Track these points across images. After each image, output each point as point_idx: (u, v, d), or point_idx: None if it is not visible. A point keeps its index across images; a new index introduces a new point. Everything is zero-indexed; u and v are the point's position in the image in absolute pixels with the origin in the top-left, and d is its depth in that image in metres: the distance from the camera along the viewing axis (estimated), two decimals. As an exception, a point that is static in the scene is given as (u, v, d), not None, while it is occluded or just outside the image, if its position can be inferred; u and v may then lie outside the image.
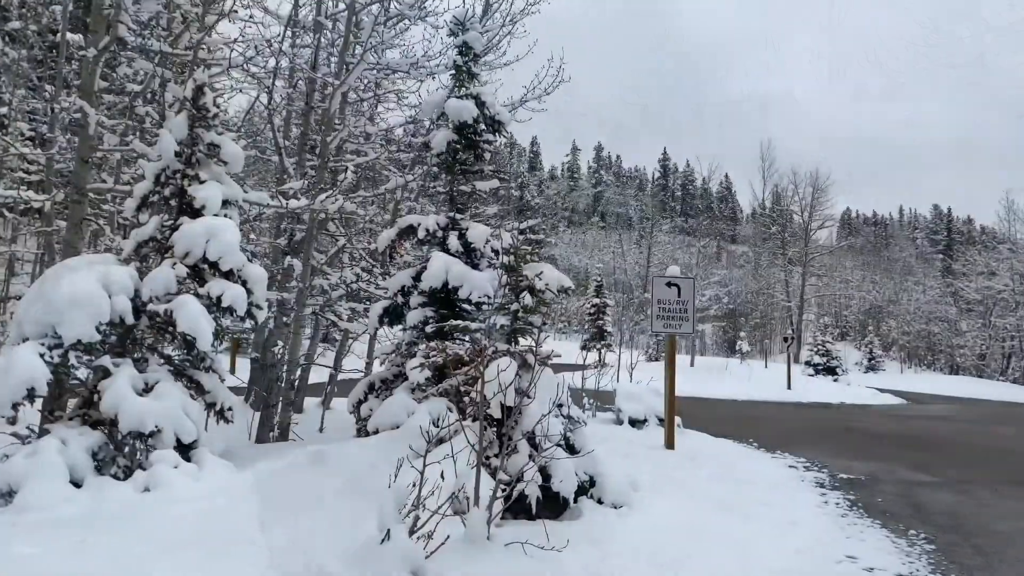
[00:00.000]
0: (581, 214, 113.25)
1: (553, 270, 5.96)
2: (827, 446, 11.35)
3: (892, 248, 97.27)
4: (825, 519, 6.40)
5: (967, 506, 7.23)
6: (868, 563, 5.15)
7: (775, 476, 8.34)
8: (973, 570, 5.12)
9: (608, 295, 33.52)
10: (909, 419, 18.06)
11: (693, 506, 6.31)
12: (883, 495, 7.65)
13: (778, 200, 67.29)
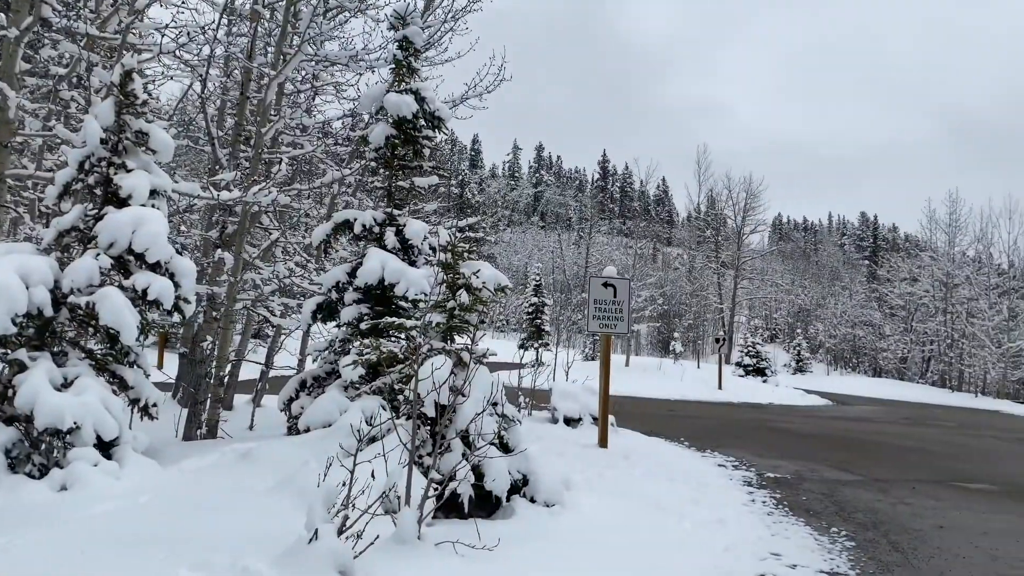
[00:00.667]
0: (521, 213, 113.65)
1: (491, 268, 5.94)
2: (755, 445, 11.62)
3: (821, 253, 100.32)
4: (752, 517, 6.54)
5: (886, 504, 7.49)
6: (792, 560, 5.28)
7: (705, 475, 8.49)
8: (891, 566, 5.29)
9: (546, 295, 33.68)
10: (834, 420, 18.65)
11: (625, 504, 6.38)
12: (807, 494, 7.87)
13: (713, 204, 68.67)
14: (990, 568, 5.34)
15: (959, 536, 6.25)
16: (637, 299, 37.17)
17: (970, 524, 6.75)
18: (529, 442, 6.10)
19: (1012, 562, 5.53)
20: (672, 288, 64.15)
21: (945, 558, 5.54)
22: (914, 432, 15.99)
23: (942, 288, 48.03)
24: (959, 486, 8.90)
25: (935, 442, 14.00)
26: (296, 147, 12.00)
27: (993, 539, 6.21)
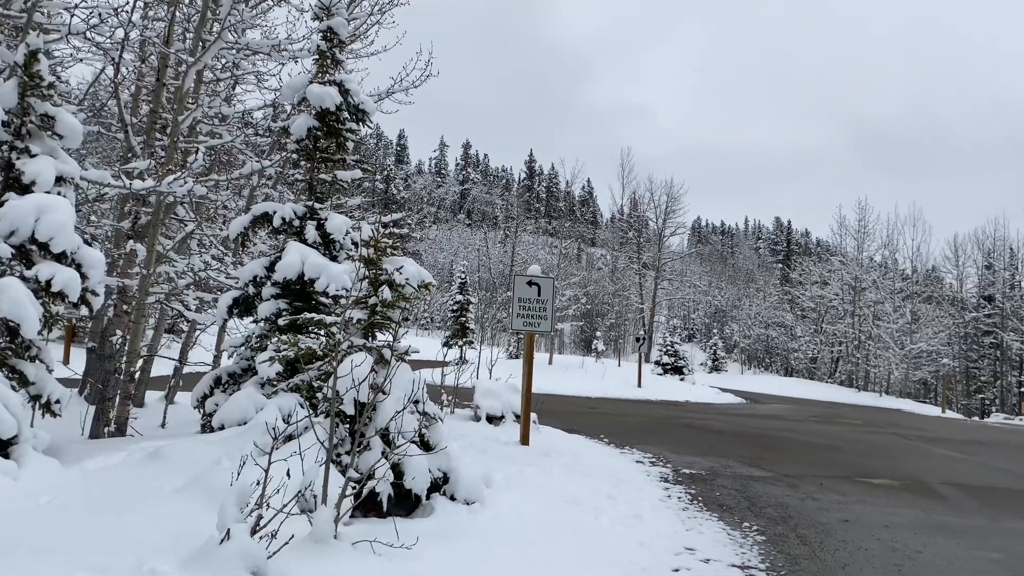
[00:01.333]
0: (448, 210, 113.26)
1: (414, 265, 5.89)
2: (673, 442, 11.88)
3: (737, 256, 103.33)
4: (667, 513, 6.68)
5: (795, 499, 7.75)
6: (705, 555, 5.41)
7: (624, 471, 8.63)
8: (798, 559, 5.48)
9: (472, 293, 33.69)
10: (747, 417, 19.22)
11: (545, 501, 6.42)
12: (721, 489, 8.08)
13: (636, 206, 69.85)
14: (888, 560, 5.59)
15: (862, 529, 6.52)
16: (561, 298, 37.53)
17: (873, 518, 7.05)
18: (451, 440, 6.07)
19: (909, 553, 5.80)
20: (595, 288, 65.04)
21: (848, 551, 5.77)
22: (822, 430, 16.61)
23: (850, 291, 50.08)
24: (863, 481, 9.28)
25: (842, 439, 14.57)
26: (215, 137, 11.64)
27: (893, 532, 6.50)
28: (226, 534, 3.74)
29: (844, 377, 50.64)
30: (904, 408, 33.82)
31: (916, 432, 17.92)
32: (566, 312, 39.25)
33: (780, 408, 24.61)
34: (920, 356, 48.44)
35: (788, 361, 61.57)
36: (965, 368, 50.73)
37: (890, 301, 49.30)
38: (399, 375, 5.20)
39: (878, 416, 24.46)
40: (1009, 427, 25.07)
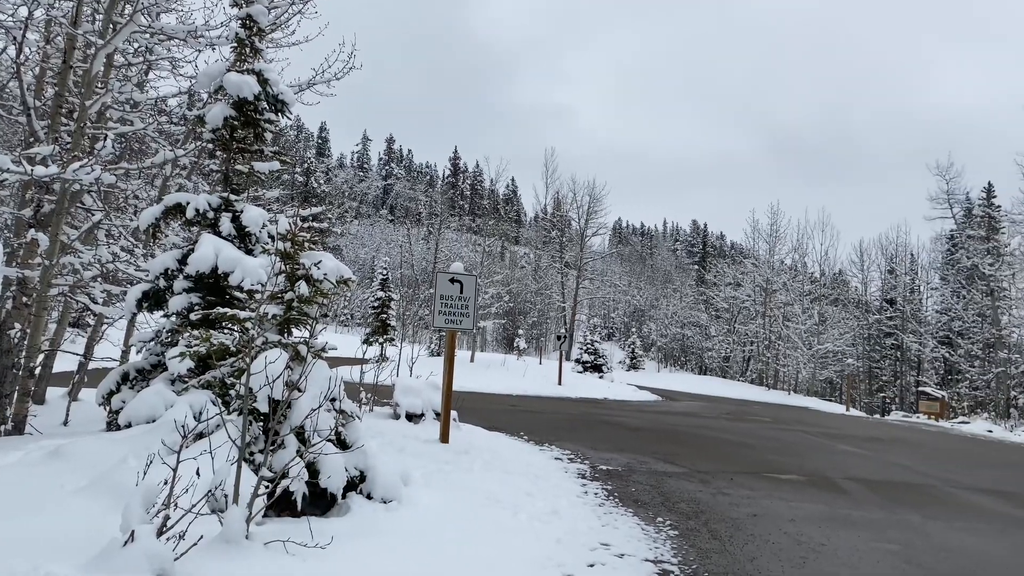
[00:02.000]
0: (370, 206, 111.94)
1: (333, 259, 5.79)
2: (591, 439, 12.05)
3: (656, 257, 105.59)
4: (584, 509, 6.77)
5: (707, 494, 7.97)
6: (620, 550, 5.51)
7: (542, 468, 8.70)
8: (709, 553, 5.63)
9: (393, 289, 33.34)
10: (662, 414, 19.65)
11: (463, 499, 6.42)
12: (636, 485, 8.24)
13: (559, 206, 70.48)
14: (794, 552, 5.81)
15: (770, 523, 6.75)
16: (484, 296, 37.59)
17: (780, 512, 7.31)
18: (369, 438, 6.01)
19: (814, 546, 6.03)
20: (518, 286, 65.32)
21: (757, 544, 5.97)
22: (734, 427, 17.13)
23: (762, 293, 51.79)
24: (772, 477, 9.61)
25: (752, 436, 15.06)
26: (125, 123, 11.18)
27: (798, 525, 6.75)
28: (130, 536, 3.61)
29: (755, 375, 52.37)
30: (811, 406, 35.19)
31: (821, 429, 18.66)
32: (489, 310, 39.34)
33: (694, 405, 25.26)
34: (826, 356, 50.52)
35: (702, 359, 63.30)
36: (868, 368, 53.12)
37: (799, 303, 51.25)
38: (315, 372, 5.11)
39: (786, 414, 25.37)
40: (907, 424, 26.36)
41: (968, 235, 46.90)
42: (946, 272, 50.31)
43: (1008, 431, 26.88)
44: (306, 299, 5.45)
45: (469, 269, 19.89)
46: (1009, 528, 7.33)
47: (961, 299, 45.20)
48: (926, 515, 7.65)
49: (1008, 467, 13.31)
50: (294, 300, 5.49)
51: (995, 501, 8.91)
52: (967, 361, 43.93)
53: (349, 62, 12.42)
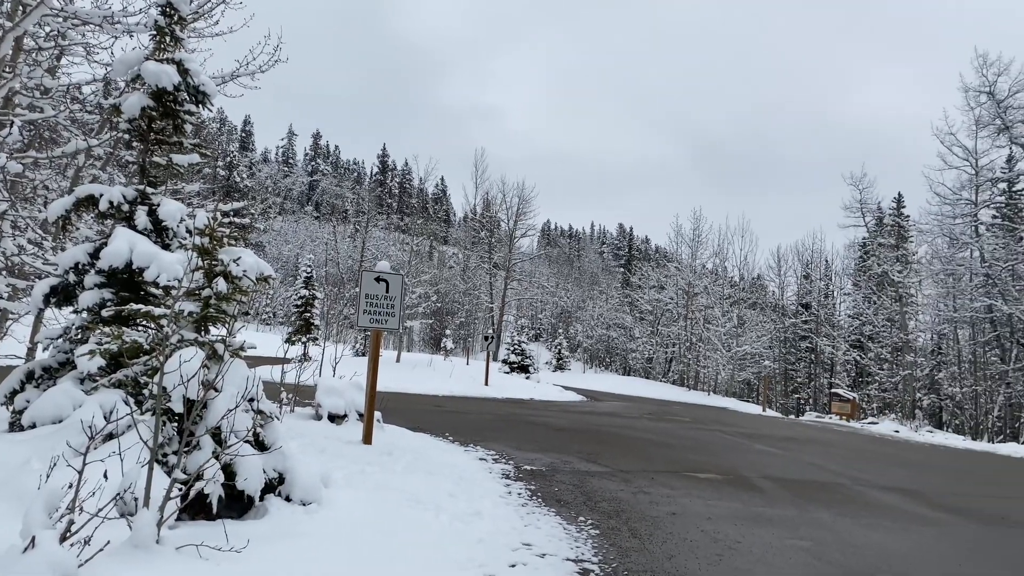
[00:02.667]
0: (295, 202, 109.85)
1: (253, 256, 5.64)
2: (516, 439, 12.09)
3: (583, 259, 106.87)
4: (507, 509, 6.78)
5: (628, 493, 8.10)
6: (542, 549, 5.54)
7: (466, 468, 8.68)
8: (629, 551, 5.72)
9: (318, 288, 32.77)
10: (587, 415, 19.88)
11: (385, 500, 6.35)
12: (560, 485, 8.31)
13: (488, 207, 70.60)
14: (711, 550, 5.95)
15: (688, 522, 6.90)
16: (411, 296, 37.29)
17: (698, 510, 7.48)
18: (289, 439, 5.89)
19: (730, 543, 6.20)
20: (446, 286, 65.18)
21: (675, 542, 6.09)
22: (655, 427, 17.45)
23: (684, 296, 52.98)
24: (690, 476, 9.83)
25: (672, 436, 15.37)
26: (34, 110, 10.67)
27: (715, 523, 6.92)
28: (31, 541, 3.44)
29: (676, 376, 53.50)
30: (729, 406, 36.13)
31: (739, 429, 19.19)
32: (416, 310, 39.06)
33: (618, 406, 25.63)
34: (744, 358, 51.99)
35: (626, 361, 64.34)
36: (784, 370, 54.89)
37: (719, 306, 52.61)
38: (233, 371, 4.98)
39: (706, 414, 26.00)
40: (820, 425, 27.34)
41: (879, 243, 48.99)
42: (858, 278, 52.41)
43: (913, 432, 28.20)
44: (224, 296, 5.30)
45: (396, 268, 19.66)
46: (912, 525, 7.68)
47: (872, 304, 47.16)
48: (836, 513, 7.94)
49: (912, 466, 13.95)
50: (212, 297, 5.33)
51: (900, 499, 9.32)
52: (877, 364, 45.86)
53: (275, 55, 12.17)
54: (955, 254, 39.28)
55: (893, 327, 45.13)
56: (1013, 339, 35.23)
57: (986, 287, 35.68)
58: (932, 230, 40.39)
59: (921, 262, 45.17)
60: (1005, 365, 35.40)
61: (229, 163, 67.48)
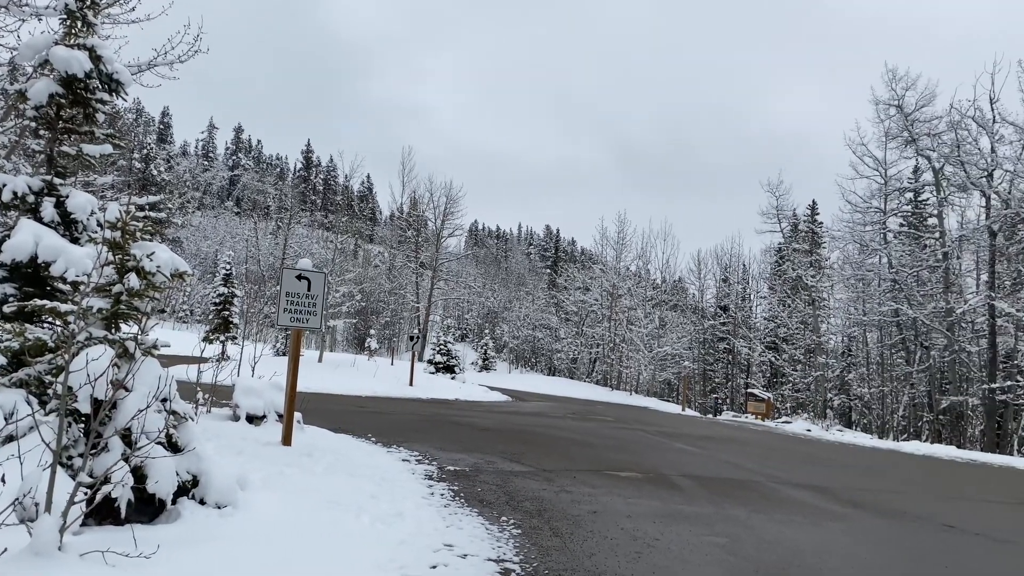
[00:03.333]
0: (215, 197, 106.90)
1: (167, 251, 5.45)
2: (440, 440, 12.04)
3: (510, 260, 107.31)
4: (430, 510, 6.74)
5: (550, 493, 8.15)
6: (463, 550, 5.52)
7: (388, 469, 8.60)
8: (550, 550, 5.75)
9: (238, 285, 31.95)
10: (511, 415, 19.96)
11: (304, 502, 6.22)
12: (483, 485, 8.31)
13: (415, 205, 70.15)
14: (630, 547, 6.04)
15: (609, 520, 6.99)
16: (335, 294, 36.71)
17: (619, 508, 7.59)
18: (204, 440, 5.72)
19: (648, 541, 6.30)
20: (371, 285, 64.48)
21: (596, 540, 6.16)
22: (578, 426, 17.65)
23: (609, 297, 53.76)
24: (612, 474, 9.97)
25: (595, 435, 15.57)
26: (-69, 93, 10.08)
27: (635, 521, 7.03)
28: (-82, 552, 3.24)
29: (600, 377, 54.27)
30: (650, 406, 36.86)
31: (659, 428, 19.58)
32: (339, 309, 38.46)
33: (542, 406, 25.82)
34: (665, 358, 53.15)
35: (552, 361, 64.90)
36: (703, 370, 56.30)
37: (642, 308, 53.60)
38: (145, 370, 4.80)
39: (628, 413, 26.44)
40: (736, 424, 28.14)
41: (794, 248, 50.76)
42: (774, 282, 54.19)
43: (824, 430, 29.31)
44: (137, 293, 5.11)
45: (320, 266, 19.30)
46: (822, 520, 7.96)
47: (786, 307, 48.81)
48: (751, 509, 8.18)
49: (823, 463, 14.48)
50: (123, 294, 5.13)
51: (811, 495, 9.66)
52: (790, 365, 47.49)
53: (195, 45, 11.83)
54: (865, 260, 41.05)
55: (806, 329, 46.82)
56: (917, 342, 37.01)
57: (893, 292, 37.38)
58: (844, 237, 42.14)
59: (833, 267, 47.01)
60: (909, 367, 37.16)
61: (146, 155, 65.16)
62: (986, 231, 32.53)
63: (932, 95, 35.49)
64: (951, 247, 35.11)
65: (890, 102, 36.65)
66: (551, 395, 36.01)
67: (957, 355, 33.73)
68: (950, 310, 32.75)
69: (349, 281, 43.22)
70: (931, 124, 35.25)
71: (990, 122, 31.12)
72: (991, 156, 31.30)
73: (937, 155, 34.85)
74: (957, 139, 32.38)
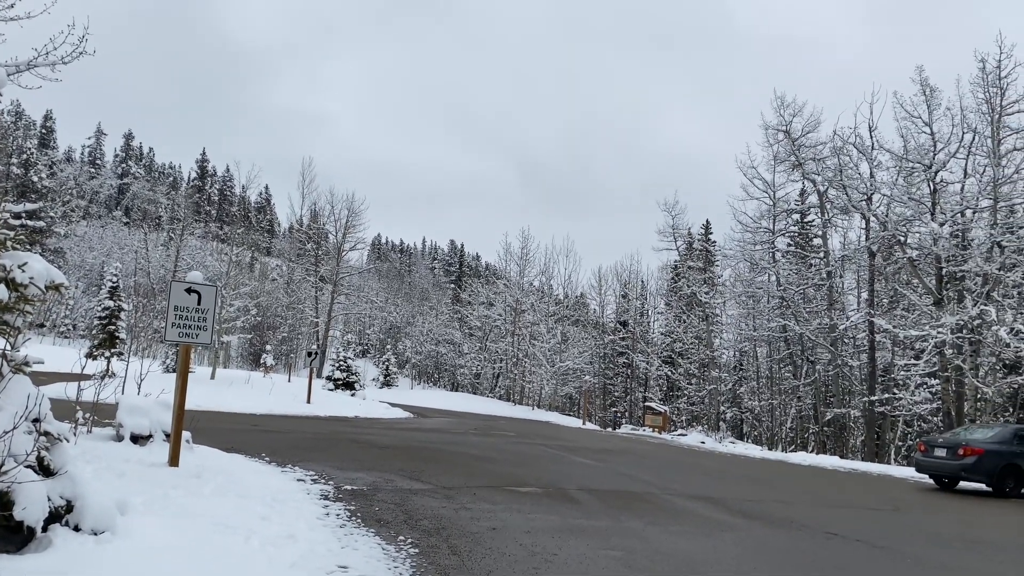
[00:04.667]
0: (102, 205, 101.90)
1: (42, 262, 5.12)
2: (338, 459, 11.77)
3: (414, 275, 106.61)
4: (324, 531, 6.56)
5: (450, 510, 8.08)
6: (359, 572, 5.38)
7: (282, 490, 8.32)
8: (448, 569, 5.68)
9: (125, 298, 30.44)
10: (412, 431, 19.74)
11: (190, 526, 5.93)
12: (380, 504, 8.15)
13: (316, 218, 68.86)
14: (529, 563, 6.04)
15: (508, 536, 6.98)
16: (229, 308, 35.47)
17: (518, 524, 7.59)
18: (83, 463, 5.40)
19: (547, 556, 6.32)
20: (268, 299, 62.71)
21: (494, 557, 6.13)
22: (480, 442, 17.62)
23: (512, 312, 54.10)
24: (512, 490, 9.98)
25: (496, 450, 15.57)
26: None
27: (534, 536, 7.04)
28: None
29: (503, 391, 54.46)
30: (552, 420, 37.23)
31: (560, 442, 19.78)
32: (234, 323, 37.16)
33: (444, 422, 25.66)
34: (567, 373, 53.84)
35: (455, 376, 64.66)
36: (603, 384, 57.30)
37: (545, 323, 54.21)
38: (14, 388, 4.48)
39: (530, 428, 26.60)
40: (635, 437, 28.76)
41: (689, 266, 52.44)
42: (670, 298, 55.79)
43: (718, 442, 30.33)
44: (6, 306, 4.77)
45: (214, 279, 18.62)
46: (714, 531, 8.19)
47: (682, 323, 50.32)
48: (647, 521, 8.33)
49: (716, 475, 14.95)
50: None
51: (704, 506, 9.94)
52: (686, 379, 48.93)
53: (80, 46, 11.26)
54: (755, 278, 42.83)
55: (700, 344, 48.38)
56: (804, 357, 38.82)
57: (781, 309, 39.13)
58: (735, 255, 43.90)
59: (725, 284, 48.85)
60: (797, 380, 38.93)
61: (25, 160, 61.44)
62: (866, 251, 34.53)
63: (817, 122, 37.56)
64: (834, 266, 37.06)
65: (778, 127, 38.50)
66: (454, 411, 35.85)
67: (840, 369, 35.57)
68: (833, 326, 34.52)
69: (244, 295, 41.88)
70: (816, 149, 37.27)
71: (869, 148, 33.14)
72: (870, 181, 33.28)
73: (822, 179, 36.80)
74: (840, 164, 34.28)
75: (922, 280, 30.95)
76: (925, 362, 28.55)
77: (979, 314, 26.64)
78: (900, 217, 31.92)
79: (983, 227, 29.93)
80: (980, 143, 29.38)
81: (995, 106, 28.94)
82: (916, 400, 31.27)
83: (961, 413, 28.11)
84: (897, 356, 34.68)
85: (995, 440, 15.12)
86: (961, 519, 11.38)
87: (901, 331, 30.04)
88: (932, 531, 9.83)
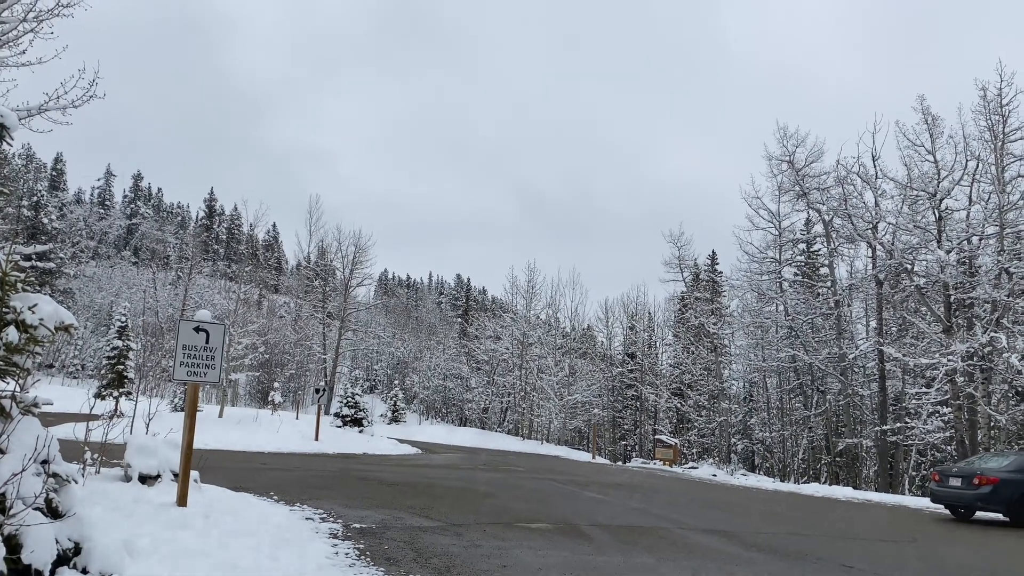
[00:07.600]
0: (111, 246, 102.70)
1: (52, 303, 5.15)
2: (346, 496, 11.68)
3: (421, 309, 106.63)
4: (334, 570, 6.49)
5: (460, 547, 7.99)
6: (368, 610, 5.32)
7: (291, 529, 8.27)
8: (457, 606, 5.62)
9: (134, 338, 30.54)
10: (421, 468, 19.60)
11: (198, 567, 5.89)
12: (390, 542, 8.08)
13: (323, 255, 69.10)
14: (540, 599, 5.96)
15: (519, 573, 6.89)
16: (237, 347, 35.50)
17: (529, 561, 7.50)
18: (91, 504, 5.38)
19: (557, 592, 6.24)
20: (276, 336, 62.73)
21: (505, 594, 6.06)
22: (489, 477, 17.47)
23: (519, 346, 53.94)
24: (522, 526, 9.88)
25: (506, 486, 15.44)
26: None
27: (545, 574, 6.96)
28: None
29: (511, 426, 54.09)
30: (561, 455, 36.93)
31: (570, 477, 19.59)
32: (242, 361, 37.16)
33: (453, 457, 25.48)
34: (576, 406, 53.51)
35: (463, 411, 64.35)
36: (612, 417, 56.89)
37: (552, 356, 54.04)
38: (23, 430, 4.48)
39: (539, 463, 26.38)
40: (645, 471, 28.48)
41: (696, 297, 52.32)
42: (678, 330, 55.58)
43: (729, 475, 30.02)
44: (16, 348, 4.79)
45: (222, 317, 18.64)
46: (727, 565, 8.08)
47: (690, 354, 50.05)
48: (659, 557, 8.22)
49: (729, 508, 14.77)
50: (1, 348, 4.81)
51: (718, 540, 9.81)
52: (696, 411, 48.56)
53: (90, 90, 11.49)
54: (763, 308, 42.67)
55: (710, 375, 48.09)
56: (814, 386, 38.54)
57: (790, 338, 38.94)
58: (742, 285, 43.78)
59: (733, 315, 48.68)
60: (807, 411, 38.59)
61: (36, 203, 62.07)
62: (873, 280, 34.42)
63: (820, 152, 37.72)
64: (842, 295, 36.95)
65: (782, 158, 38.67)
66: (462, 446, 35.62)
67: (851, 398, 35.28)
68: (843, 355, 34.31)
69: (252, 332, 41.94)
70: (820, 179, 37.38)
71: (873, 177, 33.23)
72: (875, 209, 33.32)
73: (826, 208, 36.85)
74: (844, 193, 34.35)
75: (931, 308, 30.82)
76: (936, 390, 28.32)
77: (989, 341, 26.48)
78: (906, 245, 31.89)
79: (990, 254, 29.90)
80: (984, 170, 29.45)
81: (997, 133, 29.07)
82: (929, 429, 30.94)
83: (975, 441, 27.78)
84: (908, 384, 34.39)
85: (1011, 468, 14.91)
86: (979, 551, 11.20)
87: (911, 359, 29.84)
88: (952, 563, 9.67)
